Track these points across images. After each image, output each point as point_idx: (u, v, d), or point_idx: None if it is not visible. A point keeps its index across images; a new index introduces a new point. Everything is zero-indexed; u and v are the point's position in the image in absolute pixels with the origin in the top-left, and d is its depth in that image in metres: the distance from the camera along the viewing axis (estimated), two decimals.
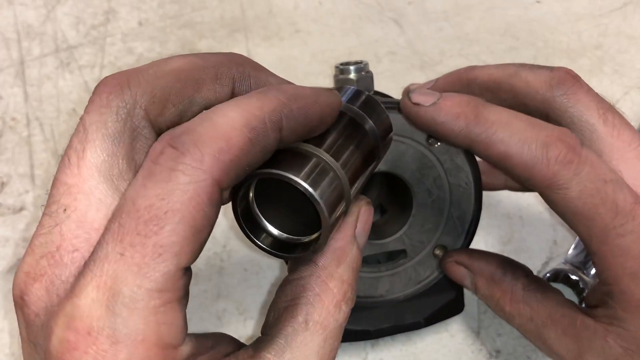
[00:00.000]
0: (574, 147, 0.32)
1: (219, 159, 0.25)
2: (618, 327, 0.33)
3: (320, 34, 0.70)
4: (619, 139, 0.34)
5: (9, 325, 0.51)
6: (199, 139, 0.25)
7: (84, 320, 0.24)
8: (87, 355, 0.23)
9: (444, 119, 0.34)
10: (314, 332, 0.28)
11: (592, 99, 0.35)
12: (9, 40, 0.67)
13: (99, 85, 0.29)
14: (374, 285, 0.45)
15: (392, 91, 0.52)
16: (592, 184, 0.32)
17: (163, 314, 0.24)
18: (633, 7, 0.72)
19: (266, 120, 0.26)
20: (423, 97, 0.35)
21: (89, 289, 0.24)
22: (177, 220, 0.24)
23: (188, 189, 0.24)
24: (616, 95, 0.65)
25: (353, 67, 0.44)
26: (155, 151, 0.25)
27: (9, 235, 0.55)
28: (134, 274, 0.23)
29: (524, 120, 0.33)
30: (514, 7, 0.72)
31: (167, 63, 0.29)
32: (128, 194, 0.25)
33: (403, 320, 0.46)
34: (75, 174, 0.27)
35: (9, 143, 0.60)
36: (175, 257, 0.24)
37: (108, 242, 0.24)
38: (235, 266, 0.54)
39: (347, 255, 0.30)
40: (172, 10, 0.70)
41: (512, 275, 0.40)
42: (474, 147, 0.34)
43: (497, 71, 0.37)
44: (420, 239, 0.44)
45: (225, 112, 0.26)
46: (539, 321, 0.37)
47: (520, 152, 0.32)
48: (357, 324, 0.45)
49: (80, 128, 0.27)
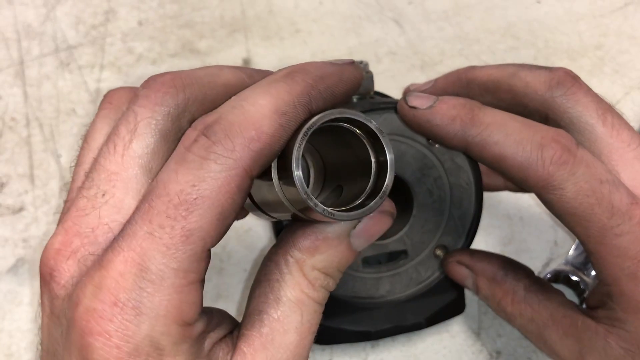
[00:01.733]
0: (569, 147, 0.32)
1: (250, 148, 0.26)
2: (619, 328, 0.33)
3: (321, 33, 0.70)
4: (618, 139, 0.34)
5: (9, 326, 0.51)
6: (230, 129, 0.26)
7: (111, 291, 0.25)
8: (112, 323, 0.25)
9: (439, 122, 0.34)
10: (290, 308, 0.29)
11: (592, 100, 0.35)
12: (8, 40, 0.67)
13: (155, 81, 0.30)
14: (375, 286, 0.44)
15: (392, 91, 0.51)
16: (588, 184, 0.31)
17: (186, 293, 0.26)
18: (634, 8, 0.72)
19: (296, 103, 0.27)
20: (419, 100, 0.35)
21: (117, 262, 0.25)
22: (206, 207, 0.25)
23: (219, 178, 0.25)
24: (617, 95, 0.65)
25: None
26: (189, 139, 0.26)
27: (9, 235, 0.55)
28: (161, 254, 0.25)
29: (519, 121, 0.33)
30: (514, 7, 0.72)
31: (220, 75, 0.31)
32: (160, 177, 0.26)
33: (404, 320, 0.46)
34: (119, 162, 0.28)
35: (8, 143, 0.60)
36: (201, 240, 0.25)
37: (137, 221, 0.26)
38: (235, 267, 0.54)
39: (328, 248, 0.30)
40: (172, 10, 0.70)
41: (513, 276, 0.40)
42: (469, 150, 0.34)
43: (497, 71, 0.37)
44: (421, 239, 0.44)
45: (255, 99, 0.27)
46: (540, 322, 0.37)
47: (515, 154, 0.32)
48: (358, 325, 0.45)
49: (132, 119, 0.29)
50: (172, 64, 0.66)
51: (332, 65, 0.30)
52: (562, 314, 0.37)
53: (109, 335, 0.25)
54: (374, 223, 0.31)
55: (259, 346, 0.28)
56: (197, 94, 0.29)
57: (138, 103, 0.29)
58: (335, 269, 0.31)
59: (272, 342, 0.28)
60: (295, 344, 0.29)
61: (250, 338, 0.28)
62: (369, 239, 0.32)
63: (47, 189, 0.58)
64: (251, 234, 0.55)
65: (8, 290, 0.52)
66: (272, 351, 0.28)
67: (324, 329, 0.45)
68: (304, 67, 0.29)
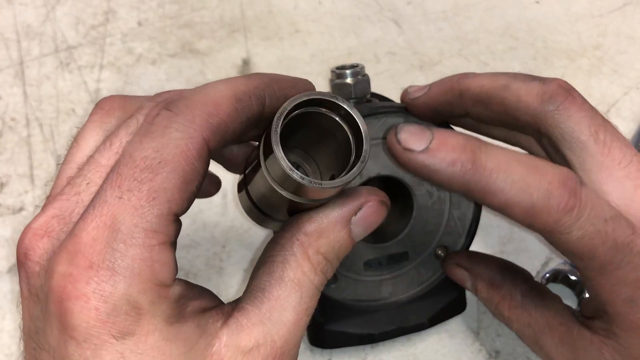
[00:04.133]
0: (575, 191, 0.31)
1: (208, 121, 0.28)
2: (613, 341, 0.34)
3: (320, 34, 0.70)
4: (609, 157, 0.33)
5: (8, 325, 0.51)
6: (191, 104, 0.28)
7: (85, 255, 0.26)
8: (89, 286, 0.26)
9: (438, 167, 0.31)
10: (290, 288, 0.30)
11: (585, 115, 0.34)
12: (8, 40, 0.67)
13: (161, 96, 0.33)
14: (377, 288, 0.45)
15: (391, 91, 0.52)
16: (593, 226, 0.31)
17: (157, 252, 0.27)
18: (632, 8, 0.72)
19: (251, 94, 0.30)
20: (414, 139, 0.32)
21: (90, 228, 0.26)
22: (170, 170, 0.27)
23: (180, 144, 0.27)
24: (615, 95, 0.65)
25: (349, 71, 0.44)
26: (151, 114, 0.29)
27: (9, 235, 0.55)
28: (131, 215, 0.26)
29: (524, 164, 0.31)
30: (513, 7, 0.72)
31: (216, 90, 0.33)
32: (126, 149, 0.28)
33: (407, 322, 0.46)
34: (111, 157, 0.30)
35: (8, 143, 0.60)
36: (167, 202, 0.27)
37: (106, 189, 0.27)
38: (235, 266, 0.54)
39: (331, 232, 0.31)
40: (171, 10, 0.70)
41: (511, 281, 0.40)
42: (471, 196, 0.32)
43: (489, 82, 0.36)
44: (421, 240, 0.44)
45: (216, 86, 0.30)
46: (537, 328, 0.38)
47: (521, 202, 0.31)
48: (361, 327, 0.45)
49: (132, 124, 0.31)
50: (171, 64, 0.66)
51: (289, 77, 0.33)
52: (559, 321, 0.37)
53: (87, 298, 0.26)
54: (371, 212, 0.32)
55: (256, 320, 0.29)
56: None
57: (142, 112, 0.31)
58: (335, 255, 0.32)
59: (270, 318, 0.29)
60: (292, 322, 0.30)
61: (250, 312, 0.29)
62: (367, 228, 0.33)
63: (47, 189, 0.57)
64: (251, 234, 0.55)
65: (8, 290, 0.52)
66: (269, 326, 0.29)
67: (328, 333, 0.45)
68: (264, 73, 0.32)
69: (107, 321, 0.26)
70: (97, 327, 0.26)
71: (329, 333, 0.45)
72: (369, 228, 0.33)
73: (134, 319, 0.26)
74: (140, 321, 0.26)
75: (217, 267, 0.54)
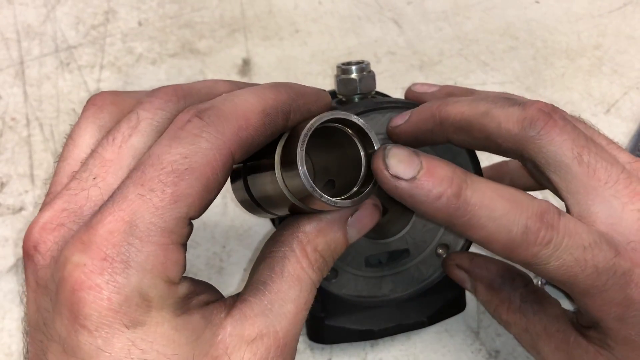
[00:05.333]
0: (552, 223, 0.32)
1: (237, 134, 0.29)
2: (608, 352, 0.34)
3: (320, 34, 0.70)
4: (594, 178, 0.33)
5: (9, 325, 0.51)
6: (222, 115, 0.29)
7: (100, 247, 0.27)
8: (102, 277, 0.26)
9: (424, 199, 0.32)
10: (290, 282, 0.31)
11: (567, 138, 0.34)
12: (8, 40, 0.67)
13: (159, 91, 0.33)
14: (377, 285, 0.45)
15: (392, 91, 0.52)
16: (571, 256, 0.32)
17: (170, 251, 0.27)
18: (632, 8, 0.72)
19: (278, 109, 0.31)
20: (402, 166, 0.32)
21: (107, 221, 0.27)
22: (195, 178, 0.28)
23: (208, 154, 0.28)
24: (615, 95, 0.65)
25: (355, 66, 0.44)
26: (182, 120, 0.29)
27: (9, 235, 0.55)
28: (150, 213, 0.27)
29: (507, 199, 0.32)
30: (513, 7, 0.72)
31: (216, 87, 0.34)
32: (153, 150, 0.28)
33: (407, 319, 0.46)
34: (115, 151, 0.30)
35: (8, 143, 0.60)
36: (187, 207, 0.28)
37: (129, 185, 0.28)
38: (235, 266, 0.54)
39: (329, 232, 0.33)
40: (172, 10, 0.70)
41: (510, 284, 0.40)
42: (453, 228, 0.33)
43: (468, 109, 0.36)
44: (422, 238, 0.44)
45: (246, 97, 0.30)
46: (534, 333, 0.38)
47: (500, 239, 0.32)
48: (360, 324, 0.45)
49: (133, 119, 0.31)
50: (171, 64, 0.66)
51: (310, 88, 0.34)
52: (556, 328, 0.37)
53: (100, 288, 0.26)
54: (365, 215, 0.34)
55: (259, 312, 0.30)
56: (196, 103, 0.32)
57: (142, 107, 0.32)
58: (330, 254, 0.33)
59: (272, 310, 0.30)
60: (292, 314, 0.31)
61: (252, 304, 0.30)
62: (361, 230, 0.34)
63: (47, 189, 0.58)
64: (251, 234, 0.56)
65: (8, 289, 0.52)
66: (271, 318, 0.30)
67: (327, 328, 0.45)
68: (289, 84, 0.33)
69: (119, 311, 0.26)
70: (109, 316, 0.26)
71: (328, 328, 0.45)
72: (363, 230, 0.34)
73: (145, 310, 0.27)
74: (151, 312, 0.27)
75: (217, 266, 0.54)
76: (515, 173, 0.48)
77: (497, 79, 0.67)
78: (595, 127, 0.38)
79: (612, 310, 0.32)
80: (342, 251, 0.34)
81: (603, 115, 0.63)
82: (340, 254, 0.34)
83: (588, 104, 0.64)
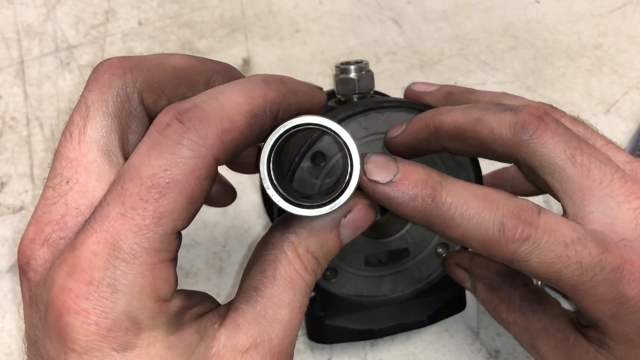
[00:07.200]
0: (530, 220, 0.32)
1: (221, 138, 0.27)
2: (607, 352, 0.34)
3: (320, 33, 0.70)
4: (589, 178, 0.33)
5: (9, 325, 0.51)
6: (205, 117, 0.27)
7: (85, 270, 0.26)
8: (89, 301, 0.25)
9: (401, 201, 0.33)
10: (283, 286, 0.30)
11: (559, 140, 0.34)
12: (8, 39, 0.67)
13: (101, 65, 0.30)
14: (377, 284, 0.45)
15: (392, 91, 0.52)
16: (552, 252, 0.32)
17: (159, 270, 0.26)
18: (632, 7, 0.72)
19: (267, 109, 0.29)
20: (379, 171, 0.33)
21: (90, 242, 0.26)
22: (177, 191, 0.26)
23: (190, 164, 0.26)
24: (615, 95, 0.65)
25: (354, 66, 0.44)
26: (162, 123, 0.27)
27: (9, 234, 0.55)
28: (133, 234, 0.26)
29: (481, 198, 0.33)
30: (513, 6, 0.72)
31: (169, 59, 0.32)
32: (132, 161, 0.27)
33: (407, 318, 0.46)
34: (76, 148, 0.29)
35: (8, 143, 0.60)
36: (172, 222, 0.26)
37: (110, 202, 0.26)
38: (235, 266, 0.54)
39: (321, 233, 0.32)
40: (172, 10, 0.70)
41: (510, 284, 0.40)
42: (431, 228, 0.34)
43: (462, 117, 0.36)
44: (422, 237, 0.44)
45: (232, 95, 0.28)
46: (534, 332, 0.38)
47: (478, 235, 0.32)
48: (361, 323, 0.45)
49: (82, 104, 0.29)
50: None
51: (305, 85, 0.32)
52: (556, 327, 0.37)
53: (87, 313, 0.25)
54: (359, 215, 0.33)
55: (252, 319, 0.29)
56: (145, 75, 0.30)
57: (87, 88, 0.30)
58: (323, 255, 0.32)
59: (265, 316, 0.29)
60: (287, 320, 0.30)
61: (245, 312, 0.29)
62: (355, 230, 0.33)
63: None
64: (251, 234, 0.56)
65: (8, 289, 0.53)
66: (265, 325, 0.29)
67: (327, 328, 0.45)
68: (281, 79, 0.31)
69: (108, 336, 0.26)
70: (97, 340, 0.26)
71: (328, 328, 0.45)
72: (357, 231, 0.33)
73: (135, 333, 0.26)
74: (141, 335, 0.26)
75: (217, 266, 0.54)
76: (516, 179, 0.48)
77: (497, 79, 0.67)
78: (594, 127, 0.38)
79: (606, 307, 0.32)
80: (335, 252, 0.33)
81: (603, 115, 0.63)
82: (333, 255, 0.33)
83: (588, 103, 0.64)
